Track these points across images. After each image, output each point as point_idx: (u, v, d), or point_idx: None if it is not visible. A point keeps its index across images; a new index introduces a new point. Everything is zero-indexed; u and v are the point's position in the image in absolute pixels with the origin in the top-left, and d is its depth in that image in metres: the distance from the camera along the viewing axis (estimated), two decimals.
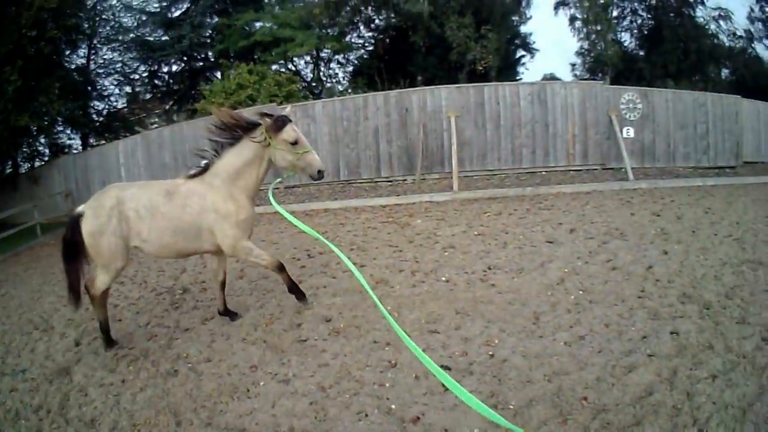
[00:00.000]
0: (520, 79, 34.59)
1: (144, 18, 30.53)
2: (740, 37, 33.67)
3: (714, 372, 5.19)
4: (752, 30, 32.91)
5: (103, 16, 29.09)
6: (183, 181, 6.94)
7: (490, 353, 5.84)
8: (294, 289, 7.46)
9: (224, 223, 6.72)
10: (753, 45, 33.45)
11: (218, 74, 29.95)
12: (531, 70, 67.32)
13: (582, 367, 5.44)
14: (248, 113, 7.10)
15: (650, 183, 16.59)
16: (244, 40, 27.59)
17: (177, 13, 31.13)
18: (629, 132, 18.74)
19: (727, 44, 33.85)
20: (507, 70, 32.78)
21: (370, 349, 6.11)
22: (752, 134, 21.05)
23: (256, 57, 27.51)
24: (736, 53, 33.50)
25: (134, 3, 30.65)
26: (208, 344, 6.73)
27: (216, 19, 30.63)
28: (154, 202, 6.67)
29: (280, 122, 6.65)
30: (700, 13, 33.73)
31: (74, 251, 6.76)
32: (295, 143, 6.69)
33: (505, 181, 17.65)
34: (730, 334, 6.00)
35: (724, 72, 35.10)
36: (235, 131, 6.81)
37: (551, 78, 35.20)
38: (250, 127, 6.79)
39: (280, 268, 7.25)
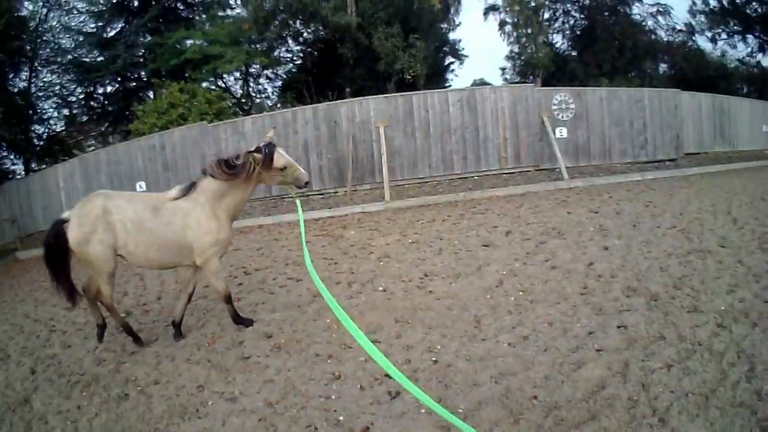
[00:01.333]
0: (449, 86, 35.00)
1: (81, 39, 29.94)
2: (680, 31, 34.92)
3: (668, 362, 5.19)
4: (693, 23, 34.12)
5: (44, 38, 28.58)
6: (169, 198, 7.04)
7: (434, 359, 5.83)
8: (237, 319, 7.53)
9: (204, 240, 6.91)
10: (694, 38, 34.72)
11: (151, 94, 29.65)
12: (460, 77, 68.29)
13: (528, 366, 5.41)
14: (239, 156, 7.15)
15: (586, 181, 16.88)
16: (175, 59, 27.30)
17: (112, 33, 30.74)
18: (562, 132, 19.04)
19: (665, 39, 34.99)
20: (436, 78, 33.04)
21: (312, 363, 6.11)
22: (693, 126, 21.70)
23: (187, 75, 27.28)
24: (676, 47, 34.60)
25: (73, 24, 30.17)
26: (154, 366, 6.65)
27: (149, 38, 30.32)
28: (140, 217, 6.79)
29: (269, 155, 6.90)
30: (636, 10, 34.90)
31: (57, 256, 6.91)
32: (284, 169, 6.99)
33: (437, 188, 17.73)
34: (682, 324, 6.03)
35: (663, 67, 36.32)
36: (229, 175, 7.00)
37: (481, 83, 35.60)
38: (241, 170, 6.97)
39: (227, 300, 7.40)
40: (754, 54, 32.52)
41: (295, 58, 33.32)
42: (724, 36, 32.73)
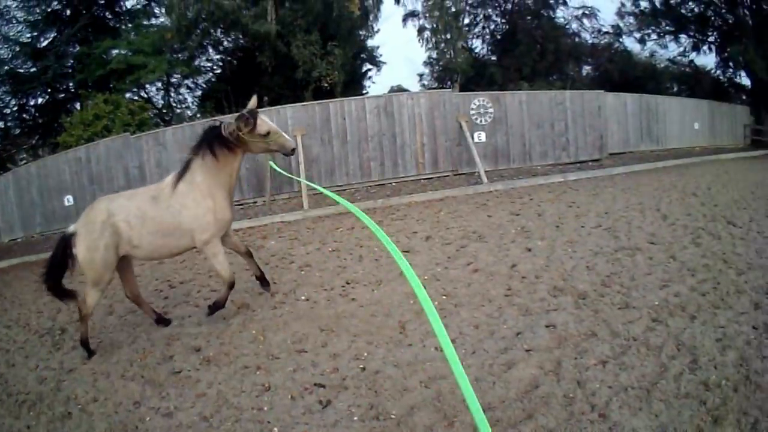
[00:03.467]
0: (367, 92, 34.91)
1: (18, 49, 29.21)
2: (606, 33, 35.78)
3: (603, 358, 5.24)
4: (621, 25, 34.88)
5: None
6: (167, 184, 7.32)
7: (361, 366, 5.87)
8: (219, 306, 7.81)
9: (203, 219, 7.15)
10: (621, 40, 35.55)
11: (78, 105, 29.07)
12: (378, 84, 68.66)
13: None
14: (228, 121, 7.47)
15: (506, 184, 17.01)
16: (101, 69, 26.87)
17: (45, 43, 30.18)
18: (481, 136, 19.20)
19: (590, 41, 35.93)
20: (353, 85, 33.01)
21: (242, 375, 6.13)
22: (618, 126, 22.37)
23: (111, 86, 27.26)
24: (601, 49, 35.48)
25: (11, 34, 29.56)
26: (92, 384, 6.63)
27: (78, 48, 29.81)
28: (142, 209, 7.07)
29: (252, 121, 7.05)
30: (561, 13, 35.70)
31: (60, 271, 7.13)
32: (267, 134, 7.16)
33: (355, 195, 17.66)
34: (614, 320, 6.11)
35: (586, 69, 37.31)
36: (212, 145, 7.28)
37: (398, 90, 35.59)
38: (226, 139, 7.23)
39: (230, 286, 7.69)
40: (686, 53, 33.51)
41: (215, 68, 33.36)
42: (654, 37, 33.63)
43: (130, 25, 31.10)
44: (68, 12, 29.76)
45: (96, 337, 8.03)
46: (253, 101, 7.42)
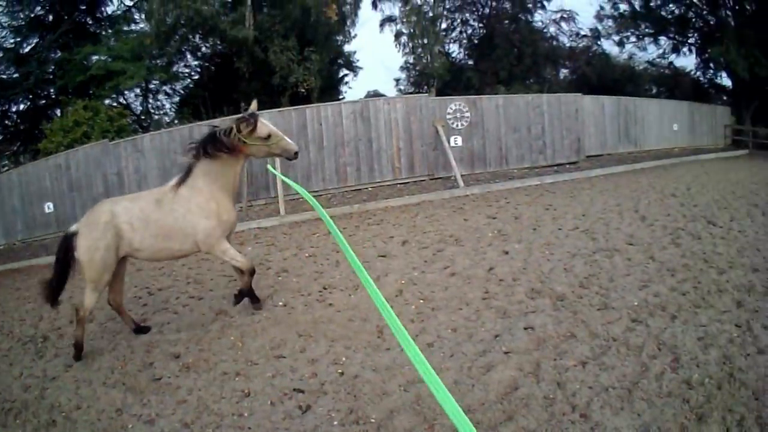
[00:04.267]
0: (343, 98, 34.80)
1: (1, 54, 29.19)
2: (584, 36, 36.03)
3: (582, 359, 5.24)
4: (600, 28, 35.08)
5: None
6: (170, 188, 7.41)
7: (340, 371, 5.90)
8: (251, 293, 8.05)
9: (207, 222, 7.27)
10: (599, 43, 35.77)
11: (59, 112, 29.10)
12: (355, 89, 68.68)
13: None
14: (224, 124, 7.55)
15: (482, 188, 17.08)
16: (81, 75, 26.88)
17: (27, 49, 30.12)
18: (457, 141, 19.25)
19: (568, 45, 36.25)
20: (330, 90, 33.04)
21: (222, 381, 6.15)
22: (595, 129, 22.54)
23: (91, 92, 27.27)
24: (579, 52, 35.74)
25: None
26: (74, 391, 6.63)
27: (59, 54, 29.73)
28: (145, 212, 7.20)
29: (252, 123, 7.15)
30: (539, 17, 36.03)
31: (65, 270, 7.27)
32: (268, 137, 7.29)
33: (332, 201, 17.64)
34: (593, 321, 6.12)
35: (564, 72, 37.56)
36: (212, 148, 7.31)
37: (375, 95, 35.61)
38: (225, 141, 7.25)
39: (251, 273, 7.84)
40: (666, 55, 33.72)
41: (192, 74, 33.34)
42: (633, 39, 33.78)
43: (110, 31, 31.25)
44: (51, 17, 29.99)
45: None
46: (254, 105, 7.54)
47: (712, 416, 4.16)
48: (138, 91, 31.91)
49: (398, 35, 33.97)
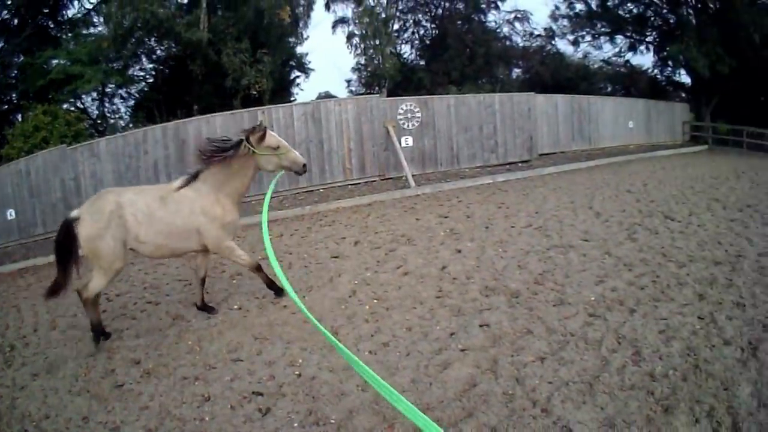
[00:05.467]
0: (295, 99, 34.89)
1: None
2: (538, 36, 36.47)
3: (540, 354, 5.26)
4: (554, 27, 35.55)
5: None
6: (175, 188, 7.60)
7: (297, 373, 5.94)
8: (272, 285, 8.25)
9: (211, 225, 7.54)
10: (554, 42, 36.26)
11: (20, 117, 28.92)
12: (306, 90, 69.05)
13: (393, 372, 5.45)
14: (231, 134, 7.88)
15: (434, 187, 17.16)
16: (42, 80, 26.73)
17: None
18: (408, 141, 19.27)
19: (521, 44, 36.58)
20: (282, 92, 33.13)
21: (182, 386, 6.15)
22: (549, 127, 22.77)
23: (50, 96, 26.92)
24: (533, 52, 36.17)
25: None
26: (43, 400, 6.59)
27: (22, 59, 29.50)
28: (150, 207, 7.37)
29: (261, 132, 7.51)
30: (492, 17, 36.27)
31: (67, 252, 7.31)
32: (277, 148, 7.57)
33: (284, 203, 17.53)
34: (549, 317, 6.15)
35: (517, 72, 37.91)
36: (221, 155, 7.55)
37: (326, 96, 35.64)
38: (233, 148, 7.55)
39: (257, 269, 8.11)
40: (622, 53, 34.30)
41: (147, 77, 33.28)
42: (588, 38, 34.34)
43: (70, 35, 31.03)
44: (16, 21, 29.64)
45: (42, 353, 8.02)
46: (261, 117, 7.59)
47: (679, 407, 4.19)
48: (94, 95, 31.84)
49: (350, 36, 33.98)
